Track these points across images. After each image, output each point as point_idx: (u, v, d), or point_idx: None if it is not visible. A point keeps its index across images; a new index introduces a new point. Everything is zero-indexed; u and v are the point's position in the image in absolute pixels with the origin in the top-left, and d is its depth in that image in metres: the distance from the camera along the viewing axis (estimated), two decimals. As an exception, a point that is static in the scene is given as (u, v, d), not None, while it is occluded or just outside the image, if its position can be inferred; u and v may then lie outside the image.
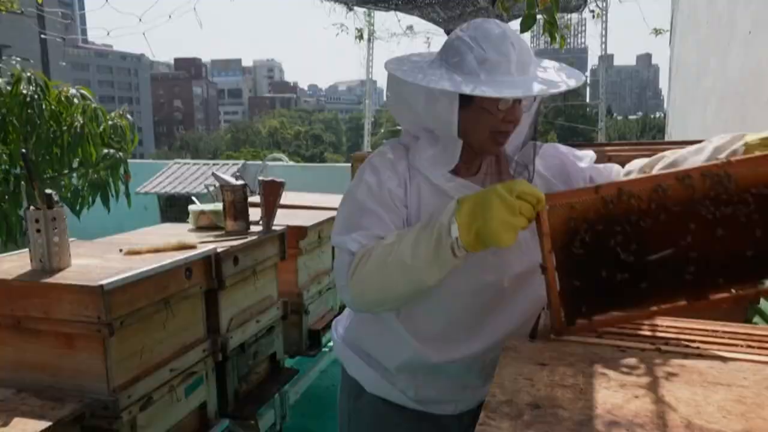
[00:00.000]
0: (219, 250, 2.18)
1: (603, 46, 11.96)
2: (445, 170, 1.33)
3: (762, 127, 1.36)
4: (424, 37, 10.42)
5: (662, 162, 1.39)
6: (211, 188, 3.11)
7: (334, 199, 3.68)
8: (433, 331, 1.38)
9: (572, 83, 1.26)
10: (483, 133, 1.29)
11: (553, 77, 1.27)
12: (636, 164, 1.47)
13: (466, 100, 1.25)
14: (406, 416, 1.46)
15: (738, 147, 1.27)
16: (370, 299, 1.24)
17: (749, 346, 1.20)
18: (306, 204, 3.49)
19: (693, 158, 1.33)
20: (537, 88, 1.23)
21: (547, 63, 1.35)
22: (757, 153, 1.21)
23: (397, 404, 1.46)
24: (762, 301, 2.18)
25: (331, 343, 2.25)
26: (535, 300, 1.35)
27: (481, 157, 1.39)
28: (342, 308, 2.97)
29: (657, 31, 9.21)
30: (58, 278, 1.71)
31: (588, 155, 1.51)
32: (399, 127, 1.45)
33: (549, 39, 2.49)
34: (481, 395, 1.42)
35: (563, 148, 1.50)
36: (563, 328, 1.17)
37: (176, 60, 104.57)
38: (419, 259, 1.13)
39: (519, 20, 2.25)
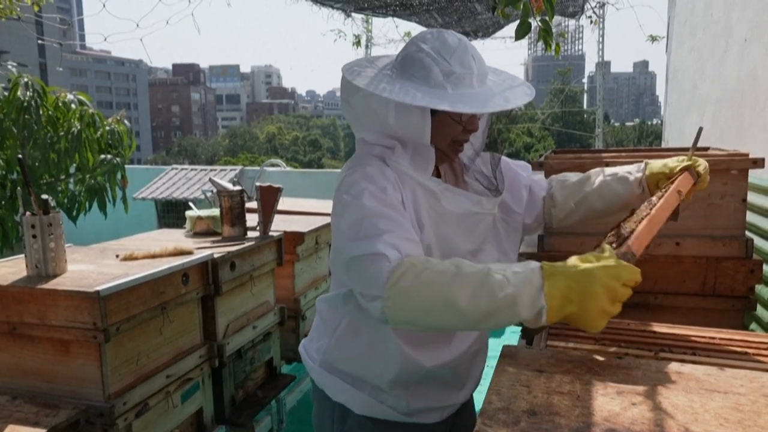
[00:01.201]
0: (216, 255, 2.18)
1: (600, 53, 12.01)
2: (427, 174, 1.35)
3: (758, 132, 1.38)
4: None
5: (588, 185, 1.55)
6: (209, 194, 3.10)
7: (332, 205, 3.70)
8: (423, 335, 1.38)
9: (530, 95, 1.36)
10: (445, 141, 1.36)
11: (510, 90, 1.35)
12: (568, 176, 1.62)
13: (431, 111, 1.29)
14: (396, 431, 1.45)
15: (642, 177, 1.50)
16: (406, 320, 1.15)
17: (746, 353, 1.20)
18: (303, 210, 3.49)
19: (617, 187, 1.51)
20: (508, 102, 1.29)
21: (497, 73, 1.42)
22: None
23: (386, 420, 1.44)
24: (758, 308, 2.19)
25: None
26: None
27: (436, 162, 1.42)
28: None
29: (653, 38, 9.25)
30: (54, 284, 1.71)
31: (525, 166, 1.63)
32: None
33: (544, 46, 2.50)
34: (462, 397, 1.50)
35: (504, 158, 1.58)
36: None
37: (174, 66, 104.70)
38: (476, 310, 1.07)
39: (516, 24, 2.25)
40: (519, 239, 1.58)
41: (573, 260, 1.07)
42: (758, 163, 1.91)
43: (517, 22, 2.22)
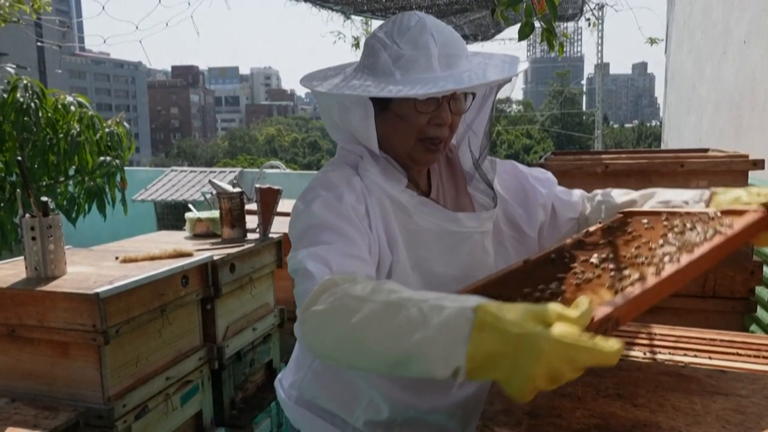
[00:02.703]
0: (215, 257, 2.17)
1: (599, 54, 12.03)
2: (401, 186, 1.17)
3: (756, 134, 1.37)
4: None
5: (652, 201, 1.26)
6: (208, 196, 3.10)
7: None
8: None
9: (505, 72, 1.10)
10: (407, 141, 1.15)
11: (486, 68, 1.11)
12: (610, 197, 1.33)
13: (381, 107, 1.11)
14: None
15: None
16: (321, 353, 0.93)
17: (746, 355, 1.20)
18: (303, 211, 3.48)
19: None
20: (459, 82, 1.05)
21: (483, 54, 1.20)
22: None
23: None
24: (759, 309, 2.19)
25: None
26: None
27: (428, 171, 1.24)
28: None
29: (652, 41, 9.26)
30: (53, 286, 1.70)
31: (548, 180, 1.37)
32: None
33: (547, 47, 2.50)
34: None
35: (522, 168, 1.37)
36: None
37: (173, 68, 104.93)
38: (386, 354, 0.81)
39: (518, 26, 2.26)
40: None
41: (521, 311, 0.74)
42: (758, 164, 1.91)
43: (517, 24, 2.22)
